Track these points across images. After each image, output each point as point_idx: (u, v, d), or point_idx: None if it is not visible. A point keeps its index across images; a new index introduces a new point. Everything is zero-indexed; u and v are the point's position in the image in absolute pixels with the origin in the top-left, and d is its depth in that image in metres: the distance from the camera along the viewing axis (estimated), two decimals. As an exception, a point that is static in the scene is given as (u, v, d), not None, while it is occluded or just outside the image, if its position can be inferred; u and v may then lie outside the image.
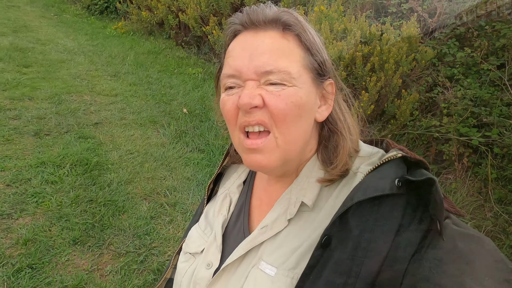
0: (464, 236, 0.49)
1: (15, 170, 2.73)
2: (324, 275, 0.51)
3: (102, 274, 2.02)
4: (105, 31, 7.27)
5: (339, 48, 2.90)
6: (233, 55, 0.59)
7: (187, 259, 0.71)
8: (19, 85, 4.22)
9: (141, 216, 2.48)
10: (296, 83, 0.57)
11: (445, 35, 3.30)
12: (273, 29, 0.58)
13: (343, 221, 0.53)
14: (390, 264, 0.50)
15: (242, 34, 0.60)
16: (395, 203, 0.53)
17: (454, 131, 2.71)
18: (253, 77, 0.56)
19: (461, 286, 0.42)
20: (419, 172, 0.54)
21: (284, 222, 0.61)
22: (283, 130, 0.57)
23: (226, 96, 0.59)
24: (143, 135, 3.57)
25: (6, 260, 1.98)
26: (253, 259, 0.61)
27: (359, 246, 0.51)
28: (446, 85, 3.00)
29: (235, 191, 0.73)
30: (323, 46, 0.63)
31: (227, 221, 0.70)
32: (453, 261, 0.46)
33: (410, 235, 0.51)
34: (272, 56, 0.56)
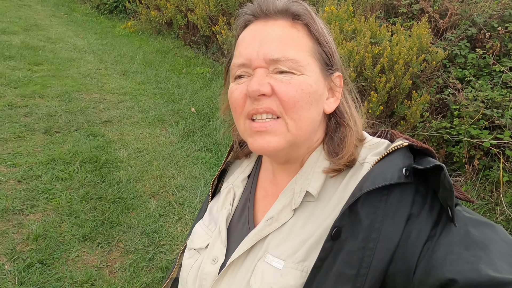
0: (477, 223, 0.48)
1: (26, 166, 2.76)
2: (335, 267, 0.51)
3: (111, 271, 2.03)
4: (114, 30, 7.33)
5: (349, 49, 2.89)
6: (244, 44, 0.60)
7: (192, 255, 0.70)
8: (30, 82, 4.27)
9: (149, 214, 2.49)
10: (304, 71, 0.57)
11: (456, 36, 3.27)
12: (283, 18, 0.59)
13: (352, 212, 0.53)
14: (402, 254, 0.49)
15: (252, 24, 0.61)
16: (403, 192, 0.53)
17: (465, 133, 2.68)
18: (262, 65, 0.57)
19: (477, 272, 0.42)
20: (426, 160, 0.54)
21: (289, 213, 0.61)
22: (294, 116, 0.57)
23: (235, 85, 0.60)
24: (152, 133, 3.59)
25: (17, 255, 2.00)
26: (258, 252, 0.60)
27: (370, 237, 0.51)
28: (457, 86, 2.96)
29: (239, 185, 0.74)
30: (331, 38, 0.64)
31: (231, 216, 0.70)
32: (467, 247, 0.45)
33: (421, 223, 0.50)
34: (281, 44, 0.57)
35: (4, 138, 3.10)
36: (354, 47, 2.90)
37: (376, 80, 2.80)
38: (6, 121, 3.36)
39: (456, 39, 3.25)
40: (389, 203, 0.52)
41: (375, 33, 3.19)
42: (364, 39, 2.97)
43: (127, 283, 1.96)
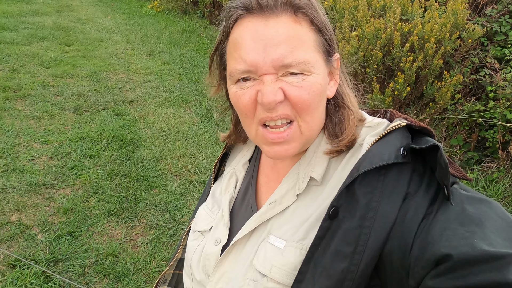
0: (473, 200, 0.49)
1: (57, 143, 2.90)
2: (333, 245, 0.53)
3: (134, 245, 2.13)
4: (141, 10, 7.39)
5: (376, 26, 2.75)
6: (244, 47, 0.54)
7: (196, 237, 0.72)
8: (61, 63, 4.43)
9: (171, 192, 2.56)
10: (314, 70, 0.55)
11: (497, 12, 3.02)
12: (284, 13, 0.54)
13: (350, 192, 0.53)
14: (399, 231, 0.50)
15: (247, 20, 0.55)
16: (401, 172, 0.53)
17: (500, 117, 2.52)
18: (271, 71, 0.53)
19: (472, 247, 0.42)
20: (424, 139, 0.54)
21: (293, 197, 0.61)
22: (307, 119, 0.57)
23: (240, 90, 0.56)
24: (176, 113, 3.64)
25: (48, 226, 2.14)
26: (262, 233, 0.62)
27: (367, 215, 0.52)
28: (494, 66, 2.76)
29: (241, 170, 0.74)
30: (327, 19, 0.60)
31: (233, 199, 0.71)
32: (462, 224, 0.46)
33: (417, 202, 0.51)
34: (289, 47, 0.53)
35: (38, 116, 3.25)
36: (381, 24, 2.75)
37: (403, 60, 2.67)
38: (39, 100, 3.52)
39: (496, 15, 3.01)
40: (386, 183, 0.53)
41: (406, 9, 3.01)
42: (394, 16, 2.82)
43: (149, 257, 2.05)
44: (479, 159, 2.77)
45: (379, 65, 2.85)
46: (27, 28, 5.52)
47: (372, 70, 2.86)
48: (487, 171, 2.68)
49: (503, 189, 2.47)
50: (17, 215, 2.19)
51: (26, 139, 2.92)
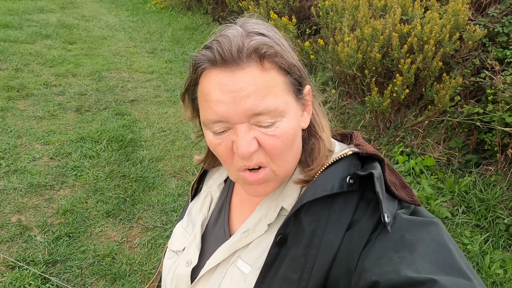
0: (414, 225, 0.50)
1: (58, 144, 2.95)
2: (281, 271, 0.55)
3: (131, 246, 2.17)
4: (145, 6, 7.39)
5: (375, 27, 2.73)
6: (213, 100, 0.54)
7: (171, 256, 0.74)
8: (64, 61, 4.47)
9: (169, 193, 2.59)
10: (285, 115, 0.55)
11: (500, 12, 2.97)
12: (249, 64, 0.53)
13: (297, 220, 0.56)
14: (344, 258, 0.52)
15: (214, 72, 0.54)
16: (346, 200, 0.56)
17: (499, 120, 2.49)
18: (243, 120, 0.54)
19: (397, 273, 0.44)
20: (370, 166, 0.56)
21: (264, 227, 0.63)
22: (279, 163, 0.58)
23: (216, 140, 0.57)
24: (176, 113, 3.66)
25: (47, 227, 2.19)
26: (232, 257, 0.64)
27: (312, 243, 0.54)
28: (495, 68, 2.73)
29: (216, 190, 0.75)
30: (293, 52, 0.59)
31: (207, 220, 0.73)
32: (397, 250, 0.47)
33: (361, 228, 0.53)
34: (259, 97, 0.53)
35: (40, 116, 3.30)
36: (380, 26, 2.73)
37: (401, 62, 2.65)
38: (42, 100, 3.57)
39: (499, 15, 2.96)
40: (332, 211, 0.55)
41: (407, 10, 2.98)
42: (393, 17, 2.79)
43: (145, 259, 2.09)
44: (478, 161, 2.75)
45: (378, 67, 2.83)
46: (32, 26, 5.57)
47: (371, 71, 2.85)
48: (485, 174, 2.67)
49: (500, 193, 2.46)
50: (18, 216, 2.25)
51: (28, 139, 2.97)
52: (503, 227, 2.29)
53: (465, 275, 0.43)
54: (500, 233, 2.27)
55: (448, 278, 0.42)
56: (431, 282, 0.42)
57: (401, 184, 0.58)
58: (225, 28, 0.58)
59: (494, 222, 2.35)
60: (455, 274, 0.43)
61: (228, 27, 0.57)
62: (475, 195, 2.50)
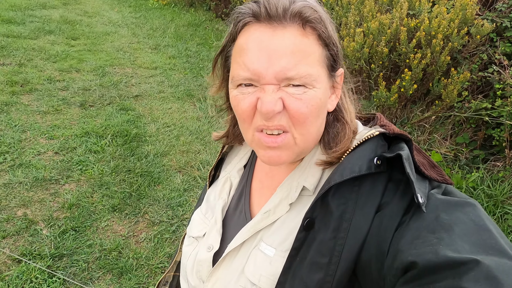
0: (449, 205, 0.49)
1: (62, 139, 2.93)
2: (309, 256, 0.54)
3: (137, 241, 2.16)
4: (148, 3, 7.37)
5: (382, 22, 2.70)
6: (249, 55, 0.54)
7: (191, 242, 0.73)
8: (67, 57, 4.45)
9: (175, 188, 2.58)
10: (316, 84, 0.55)
11: (508, 6, 2.94)
12: (292, 25, 0.53)
13: (324, 204, 0.55)
14: (375, 241, 0.51)
15: (254, 27, 0.55)
16: (375, 182, 0.54)
17: (507, 115, 2.47)
18: (273, 82, 0.54)
19: (435, 254, 0.42)
20: (397, 147, 0.55)
21: (286, 207, 0.62)
22: (302, 131, 0.57)
23: (240, 95, 0.56)
24: (180, 108, 3.65)
25: (53, 222, 2.17)
26: (254, 240, 0.63)
27: (341, 227, 0.53)
28: (503, 63, 2.70)
29: (235, 175, 0.74)
30: (334, 31, 0.60)
31: (227, 205, 0.72)
32: (433, 231, 0.46)
33: (392, 211, 0.52)
34: (293, 60, 0.53)
35: (44, 111, 3.29)
36: (387, 20, 2.71)
37: (410, 56, 2.62)
38: (46, 95, 3.55)
39: (507, 10, 2.93)
40: (360, 194, 0.54)
41: (414, 4, 2.95)
42: (400, 11, 2.76)
43: (151, 253, 2.07)
44: (485, 157, 2.73)
45: (385, 61, 2.81)
46: (35, 21, 5.55)
47: (378, 66, 2.83)
48: (493, 169, 2.64)
49: (508, 188, 2.44)
50: (23, 210, 2.24)
51: (32, 134, 2.95)
52: (511, 223, 2.27)
53: (508, 255, 0.41)
54: (509, 229, 2.25)
55: (491, 258, 0.40)
56: (473, 262, 0.40)
57: (429, 163, 0.57)
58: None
59: (502, 218, 2.33)
60: (498, 254, 0.41)
61: None
62: (483, 191, 2.48)
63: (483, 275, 0.38)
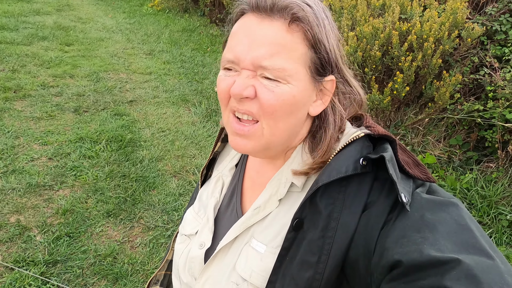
0: (433, 204, 0.50)
1: (56, 144, 2.91)
2: (299, 255, 0.56)
3: (133, 246, 2.14)
4: (142, 8, 7.38)
5: (375, 26, 2.74)
6: (235, 39, 0.58)
7: (183, 240, 0.74)
8: (61, 63, 4.44)
9: (170, 193, 2.57)
10: (291, 81, 0.56)
11: (497, 10, 3.00)
12: (279, 18, 0.55)
13: (313, 204, 0.56)
14: (362, 239, 0.53)
15: (247, 16, 0.58)
16: (361, 182, 0.56)
17: (499, 117, 2.51)
18: (249, 67, 0.56)
19: (420, 253, 0.44)
20: (382, 147, 0.57)
21: (275, 203, 0.63)
22: (270, 123, 0.58)
23: (223, 76, 0.60)
24: (175, 113, 3.65)
25: (47, 228, 2.15)
26: (245, 237, 0.64)
27: (329, 226, 0.55)
28: (494, 66, 2.75)
29: (227, 174, 0.76)
30: (336, 38, 0.60)
31: (219, 204, 0.73)
32: (418, 230, 0.47)
33: (378, 209, 0.53)
34: (271, 50, 0.55)
35: (37, 117, 3.27)
36: (380, 24, 2.74)
37: (402, 59, 2.66)
38: (39, 101, 3.53)
39: (497, 14, 2.99)
40: (347, 194, 0.56)
41: (405, 9, 2.99)
42: (392, 15, 2.80)
43: (146, 258, 2.06)
44: (478, 159, 2.76)
45: (378, 65, 2.84)
46: (28, 27, 5.53)
47: (371, 69, 2.85)
48: (486, 171, 2.67)
49: (502, 189, 2.46)
50: (16, 217, 2.21)
51: (25, 140, 2.93)
52: (505, 223, 2.29)
53: (487, 254, 0.43)
54: (503, 230, 2.27)
55: (471, 257, 0.42)
56: (455, 261, 0.42)
57: (414, 162, 0.59)
58: None
59: (496, 218, 2.35)
60: (478, 253, 0.43)
61: None
62: (477, 192, 2.50)
63: (464, 274, 0.40)
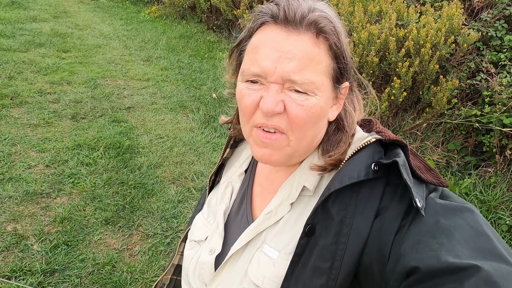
0: (448, 210, 0.50)
1: (54, 151, 2.89)
2: (311, 261, 0.55)
3: (131, 254, 2.12)
4: (139, 15, 7.40)
5: (372, 32, 2.76)
6: (261, 53, 0.56)
7: (193, 246, 0.73)
8: (58, 69, 4.42)
9: (169, 200, 2.55)
10: (318, 93, 0.57)
11: (492, 16, 3.03)
12: (306, 32, 0.56)
13: (325, 209, 0.56)
14: (375, 245, 0.52)
15: (271, 28, 0.57)
16: (373, 187, 0.56)
17: (496, 122, 2.52)
18: (278, 81, 0.56)
19: (437, 259, 0.43)
20: (393, 153, 0.57)
21: (287, 207, 0.63)
22: (299, 135, 0.59)
23: (246, 90, 0.59)
24: (173, 119, 3.64)
25: (44, 236, 2.12)
26: (257, 243, 0.64)
27: (342, 232, 0.54)
28: (490, 71, 2.77)
29: (236, 180, 0.76)
30: (347, 44, 0.61)
31: (229, 209, 0.73)
32: (434, 236, 0.47)
33: (391, 215, 0.53)
34: (300, 65, 0.55)
35: (34, 124, 3.25)
36: (376, 30, 2.76)
37: (399, 65, 2.67)
38: (36, 108, 3.51)
39: (492, 20, 3.02)
40: (359, 199, 0.56)
41: (402, 15, 3.02)
42: (389, 22, 2.82)
43: (146, 266, 2.03)
44: (477, 163, 2.77)
45: (375, 70, 2.86)
46: (25, 34, 5.52)
47: (368, 75, 2.87)
48: (484, 175, 2.68)
49: (500, 194, 2.47)
50: (13, 225, 2.18)
51: (22, 147, 2.91)
52: (505, 228, 2.30)
53: (506, 260, 0.43)
54: (502, 234, 2.27)
55: (489, 263, 0.42)
56: (474, 268, 0.41)
57: (425, 167, 0.59)
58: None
59: (496, 223, 2.35)
60: (496, 260, 0.42)
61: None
62: (476, 197, 2.51)
63: (483, 280, 0.40)
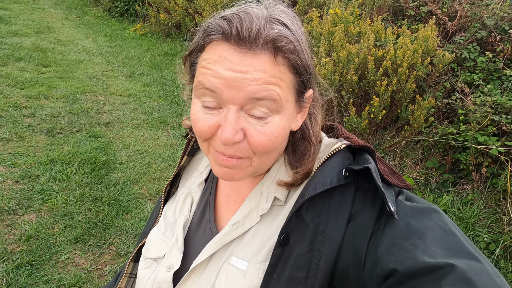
0: (417, 212, 0.51)
1: (24, 167, 2.77)
2: (287, 271, 0.54)
3: (101, 274, 2.00)
4: (124, 33, 7.40)
5: (350, 51, 2.81)
6: (214, 70, 0.50)
7: (149, 264, 0.68)
8: (36, 84, 4.33)
9: (144, 217, 2.46)
10: (281, 111, 0.53)
11: (466, 39, 3.16)
12: (263, 51, 0.49)
13: (299, 218, 0.55)
14: (350, 250, 0.52)
15: (223, 46, 0.51)
16: (344, 193, 0.56)
17: (472, 140, 2.57)
18: (237, 103, 0.51)
19: (414, 260, 0.44)
20: (362, 158, 0.57)
21: (256, 218, 0.61)
22: (261, 158, 0.57)
23: (201, 113, 0.53)
24: (153, 135, 3.57)
25: (7, 256, 1.99)
26: (224, 255, 0.60)
27: (316, 239, 0.54)
28: (465, 91, 2.85)
29: (196, 190, 0.72)
30: (310, 56, 0.57)
31: (189, 221, 0.69)
32: (407, 238, 0.47)
33: (364, 219, 0.53)
34: (263, 83, 0.50)
35: (6, 138, 3.13)
36: (355, 49, 2.82)
37: (378, 84, 2.72)
38: (10, 122, 3.40)
39: (465, 42, 3.14)
40: (331, 205, 0.55)
41: (380, 36, 3.11)
42: (368, 42, 2.90)
43: (115, 287, 1.92)
44: (455, 181, 2.80)
45: (355, 89, 2.90)
46: (4, 48, 5.41)
47: (348, 93, 2.91)
48: (462, 193, 2.71)
49: (478, 211, 2.49)
50: (-26, 244, 2.05)
51: (-9, 162, 2.78)
52: (483, 245, 2.30)
53: (474, 257, 0.44)
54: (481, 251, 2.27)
55: (461, 261, 0.43)
56: (449, 266, 0.42)
57: (390, 170, 0.59)
58: (249, 4, 0.54)
59: (474, 240, 2.35)
60: (466, 257, 0.44)
61: (253, 4, 0.54)
62: (454, 214, 2.52)
63: (459, 278, 0.41)
